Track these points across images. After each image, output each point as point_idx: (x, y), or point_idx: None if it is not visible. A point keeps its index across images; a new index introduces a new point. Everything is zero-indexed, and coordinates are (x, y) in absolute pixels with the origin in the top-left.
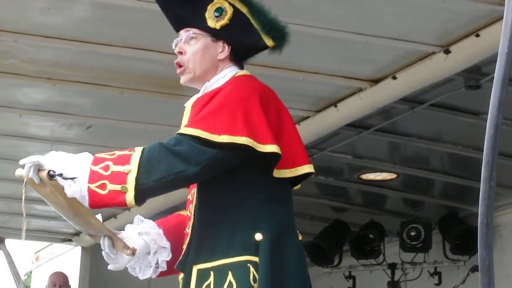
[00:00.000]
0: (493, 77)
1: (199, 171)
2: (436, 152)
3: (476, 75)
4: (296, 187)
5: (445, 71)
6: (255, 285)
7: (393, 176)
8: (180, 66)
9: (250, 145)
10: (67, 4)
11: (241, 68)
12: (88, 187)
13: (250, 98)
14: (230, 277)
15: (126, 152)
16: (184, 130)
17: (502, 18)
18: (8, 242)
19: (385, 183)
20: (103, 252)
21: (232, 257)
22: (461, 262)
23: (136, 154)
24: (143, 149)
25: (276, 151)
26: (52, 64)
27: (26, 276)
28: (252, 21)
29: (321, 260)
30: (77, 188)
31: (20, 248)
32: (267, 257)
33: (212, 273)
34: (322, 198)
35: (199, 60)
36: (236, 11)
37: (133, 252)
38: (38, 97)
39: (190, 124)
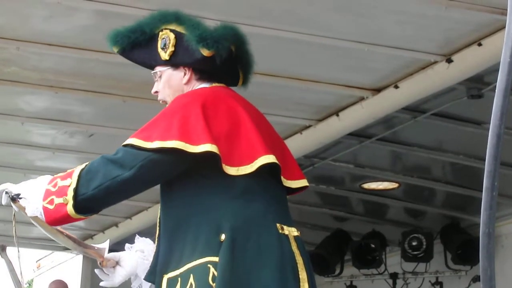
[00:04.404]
0: (495, 86)
1: (133, 174)
2: (438, 161)
3: (478, 84)
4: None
5: (447, 80)
6: (214, 284)
7: (395, 185)
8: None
9: (180, 147)
10: (69, 12)
11: (215, 82)
12: (42, 204)
13: (191, 103)
14: (191, 279)
15: (74, 168)
16: (124, 142)
17: (504, 27)
18: (10, 250)
19: (386, 192)
20: (96, 270)
21: (195, 260)
22: (462, 272)
23: (78, 168)
24: (88, 163)
25: (210, 149)
26: (54, 72)
27: (28, 285)
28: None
29: (322, 270)
30: (34, 207)
31: (22, 256)
32: (226, 255)
33: (179, 279)
34: (323, 207)
35: (168, 92)
36: (177, 34)
37: (102, 262)
38: (40, 105)
39: (130, 136)
